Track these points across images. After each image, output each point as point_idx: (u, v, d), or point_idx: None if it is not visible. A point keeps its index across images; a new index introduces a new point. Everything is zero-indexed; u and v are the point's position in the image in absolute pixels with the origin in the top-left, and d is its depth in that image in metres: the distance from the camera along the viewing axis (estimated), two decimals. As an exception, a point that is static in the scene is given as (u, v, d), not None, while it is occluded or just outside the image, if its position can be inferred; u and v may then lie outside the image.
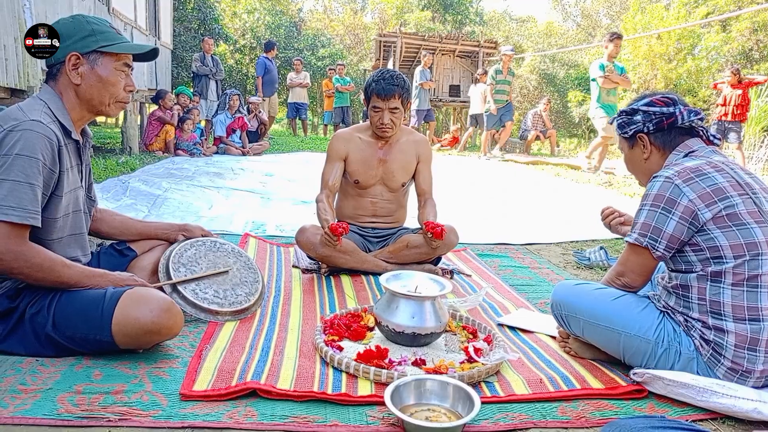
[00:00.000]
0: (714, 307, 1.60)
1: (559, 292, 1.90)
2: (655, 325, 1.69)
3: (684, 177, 1.64)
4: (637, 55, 16.43)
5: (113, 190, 4.87)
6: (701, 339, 1.63)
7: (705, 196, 1.60)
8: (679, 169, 1.66)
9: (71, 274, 1.69)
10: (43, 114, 1.66)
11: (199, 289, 2.10)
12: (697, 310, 1.64)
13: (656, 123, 1.77)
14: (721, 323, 1.59)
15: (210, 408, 1.47)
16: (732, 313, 1.57)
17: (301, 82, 12.72)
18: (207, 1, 15.88)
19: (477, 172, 8.12)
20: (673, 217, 1.63)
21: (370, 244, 2.92)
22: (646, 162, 1.84)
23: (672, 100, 1.79)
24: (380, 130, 2.82)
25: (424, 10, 22.30)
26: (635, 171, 1.92)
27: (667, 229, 1.65)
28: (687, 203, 1.61)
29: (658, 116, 1.77)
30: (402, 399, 1.50)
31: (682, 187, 1.63)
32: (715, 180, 1.62)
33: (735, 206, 1.59)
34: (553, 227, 4.30)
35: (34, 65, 4.95)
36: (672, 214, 1.63)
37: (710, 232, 1.59)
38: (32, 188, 1.58)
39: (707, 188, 1.61)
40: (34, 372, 1.59)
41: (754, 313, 1.56)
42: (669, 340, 1.67)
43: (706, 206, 1.59)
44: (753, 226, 1.58)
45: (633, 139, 1.84)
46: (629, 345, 1.72)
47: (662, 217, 1.65)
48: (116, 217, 2.20)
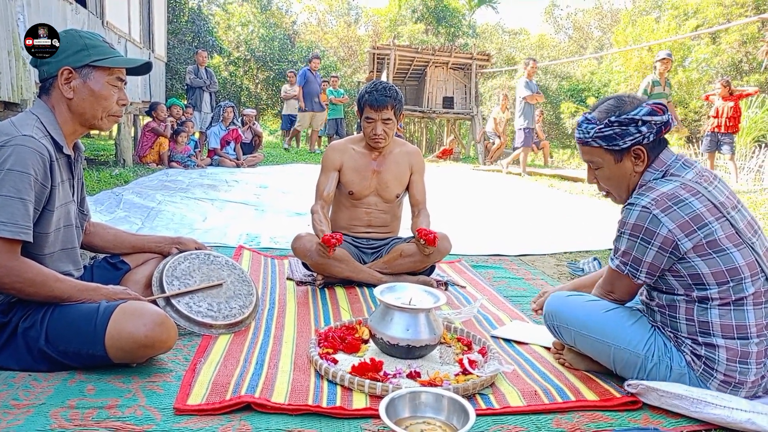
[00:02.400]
0: (703, 327, 1.61)
1: (552, 302, 1.90)
2: (645, 339, 1.69)
3: (662, 206, 1.59)
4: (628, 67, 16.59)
5: (107, 203, 4.86)
6: (692, 354, 1.64)
7: (684, 225, 1.57)
8: (655, 197, 1.60)
9: (64, 289, 1.68)
10: (35, 129, 1.66)
11: (193, 302, 2.09)
12: (685, 330, 1.65)
13: (656, 133, 1.67)
14: (711, 339, 1.60)
15: (204, 422, 1.46)
16: (721, 331, 1.58)
17: (295, 94, 12.75)
18: (201, 14, 15.97)
19: (470, 184, 8.15)
20: (652, 248, 1.61)
21: (365, 255, 2.92)
22: (636, 175, 1.73)
23: (665, 106, 1.69)
24: (373, 141, 2.83)
25: (418, 22, 22.46)
26: (619, 186, 1.77)
27: (646, 259, 1.63)
28: (666, 233, 1.58)
29: (659, 125, 1.66)
30: (397, 412, 1.50)
31: (660, 216, 1.58)
32: (692, 207, 1.58)
33: (714, 233, 1.57)
34: (547, 238, 4.32)
35: (28, 79, 4.95)
36: (651, 245, 1.60)
37: (691, 260, 1.58)
38: (24, 203, 1.58)
39: (686, 217, 1.57)
40: (27, 387, 1.58)
41: (743, 331, 1.57)
42: (659, 355, 1.67)
43: (686, 236, 1.57)
44: (732, 251, 1.57)
45: (623, 152, 1.70)
46: (619, 358, 1.72)
47: (641, 248, 1.62)
48: (109, 230, 2.20)
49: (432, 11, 22.48)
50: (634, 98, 1.72)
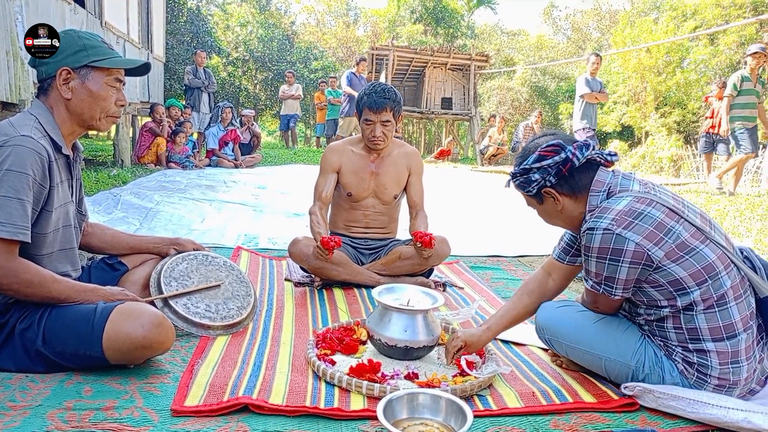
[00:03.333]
0: (692, 333, 1.61)
1: (542, 315, 1.89)
2: (635, 349, 1.69)
3: (623, 224, 1.57)
4: (627, 68, 16.60)
5: (105, 203, 4.85)
6: (684, 362, 1.64)
7: (651, 235, 1.56)
8: (614, 216, 1.59)
9: (61, 289, 1.68)
10: (33, 129, 1.66)
11: (191, 303, 2.09)
12: (675, 338, 1.65)
13: (556, 174, 1.68)
14: (702, 345, 1.60)
15: (201, 424, 1.46)
16: (710, 335, 1.59)
17: (292, 94, 12.74)
18: (200, 15, 15.96)
19: (468, 185, 8.15)
20: (623, 265, 1.59)
21: (363, 257, 2.92)
22: (564, 211, 1.75)
23: (558, 146, 1.68)
24: (372, 142, 2.83)
25: (416, 23, 22.50)
26: (556, 222, 1.82)
27: (620, 276, 1.61)
28: (634, 248, 1.56)
29: (554, 167, 1.67)
30: (395, 413, 1.50)
31: (624, 234, 1.57)
32: (653, 216, 1.58)
33: (680, 235, 1.57)
34: (545, 239, 4.31)
35: (26, 79, 4.95)
36: (621, 263, 1.59)
37: (666, 267, 1.57)
38: (22, 204, 1.58)
39: (650, 227, 1.56)
40: (24, 388, 1.58)
41: (731, 330, 1.57)
42: (650, 366, 1.67)
43: (656, 245, 1.56)
44: (702, 248, 1.57)
45: (540, 195, 1.75)
46: (611, 369, 1.74)
47: (612, 267, 1.61)
48: (107, 231, 2.19)
49: (431, 12, 22.52)
50: (537, 144, 1.72)
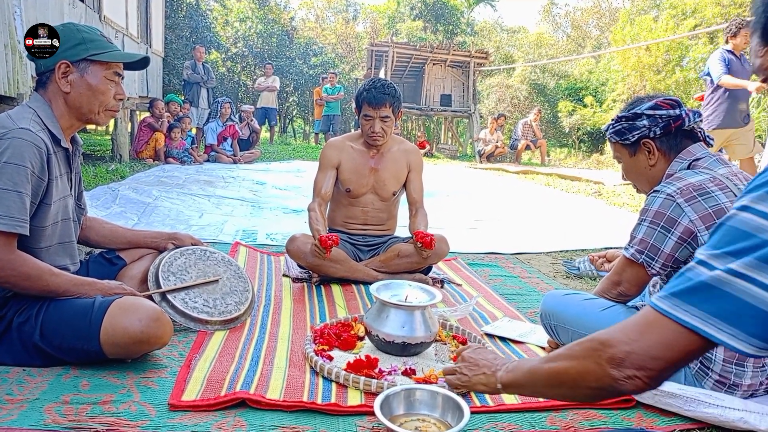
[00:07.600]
0: None
1: (548, 302, 1.91)
2: None
3: (686, 195, 1.58)
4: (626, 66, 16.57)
5: (103, 198, 4.84)
6: None
7: (706, 217, 1.56)
8: (681, 186, 1.60)
9: (59, 283, 1.67)
10: (32, 122, 1.65)
11: (189, 298, 2.09)
12: None
13: (663, 127, 1.68)
14: None
15: (199, 418, 1.47)
16: None
17: (268, 85, 12.17)
18: (199, 9, 15.90)
19: (467, 182, 8.15)
20: (672, 237, 1.60)
21: (361, 253, 2.92)
22: (652, 169, 1.75)
23: (676, 102, 1.71)
24: (371, 138, 2.83)
25: (416, 20, 22.45)
26: (638, 179, 1.82)
27: (664, 249, 1.62)
28: (687, 224, 1.57)
29: (665, 119, 1.68)
30: (392, 409, 1.50)
31: (683, 206, 1.58)
32: (718, 200, 1.57)
33: None
34: (543, 237, 4.32)
35: (24, 72, 4.93)
36: (671, 234, 1.60)
37: None
38: (20, 196, 1.57)
39: (709, 209, 1.56)
40: (21, 382, 1.58)
41: None
42: None
43: (707, 228, 1.55)
44: None
45: (636, 146, 1.74)
46: None
47: (661, 236, 1.62)
48: (105, 225, 2.19)
49: (430, 8, 22.47)
50: (650, 96, 1.76)
